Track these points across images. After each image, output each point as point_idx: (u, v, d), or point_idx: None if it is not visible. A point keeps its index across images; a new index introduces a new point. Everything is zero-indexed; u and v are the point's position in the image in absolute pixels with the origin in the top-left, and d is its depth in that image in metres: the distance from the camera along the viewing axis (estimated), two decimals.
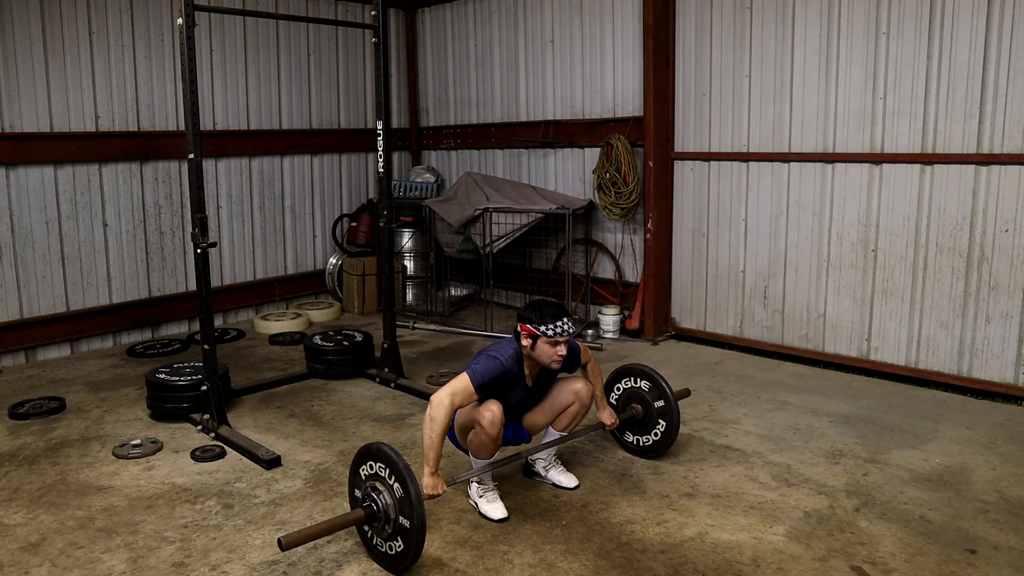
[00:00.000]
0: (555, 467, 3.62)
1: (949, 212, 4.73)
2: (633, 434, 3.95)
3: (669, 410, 3.78)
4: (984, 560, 2.95)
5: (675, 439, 3.83)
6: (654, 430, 3.83)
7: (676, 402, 3.79)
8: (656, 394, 3.82)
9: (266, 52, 6.72)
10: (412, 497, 2.77)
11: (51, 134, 5.52)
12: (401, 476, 2.81)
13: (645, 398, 3.85)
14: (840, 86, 5.07)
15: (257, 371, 5.39)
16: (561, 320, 3.19)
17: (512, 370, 3.23)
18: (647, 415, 3.84)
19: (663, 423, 3.80)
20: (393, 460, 2.84)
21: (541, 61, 6.72)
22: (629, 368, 3.96)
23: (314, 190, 7.21)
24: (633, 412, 3.88)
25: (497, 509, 3.30)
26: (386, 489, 2.87)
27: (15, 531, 3.25)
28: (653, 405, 3.82)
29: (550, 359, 3.22)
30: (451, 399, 3.03)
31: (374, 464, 2.92)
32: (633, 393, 3.91)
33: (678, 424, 3.80)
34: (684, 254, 6.06)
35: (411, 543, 2.79)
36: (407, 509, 2.78)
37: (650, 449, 3.88)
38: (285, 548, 2.68)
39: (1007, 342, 4.62)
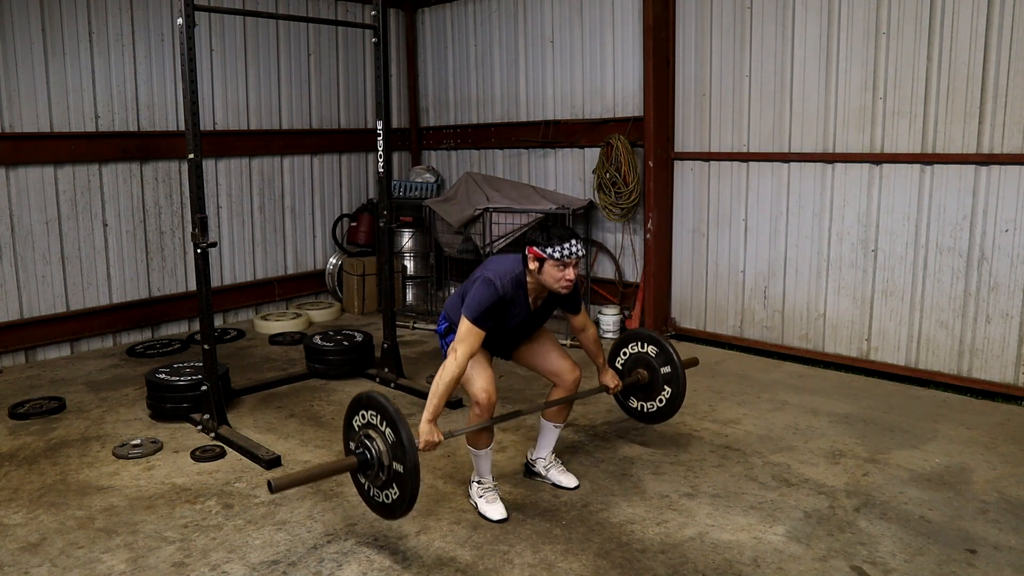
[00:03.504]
0: (556, 466, 3.62)
1: (949, 212, 4.73)
2: (637, 399, 3.91)
3: (675, 376, 3.72)
4: (984, 560, 2.95)
5: (680, 406, 3.80)
6: (659, 396, 3.78)
7: (683, 369, 3.73)
8: (662, 360, 3.76)
9: (266, 52, 6.72)
10: (404, 441, 2.76)
11: (51, 134, 5.52)
12: (392, 421, 2.80)
13: (651, 363, 3.79)
14: (840, 86, 5.07)
15: (257, 371, 5.39)
16: (569, 242, 3.08)
17: (508, 296, 3.15)
18: (652, 380, 3.79)
19: (668, 389, 3.75)
20: (384, 406, 2.84)
21: (541, 61, 6.72)
22: (636, 333, 3.92)
23: (314, 190, 7.21)
24: (638, 377, 3.81)
25: (496, 510, 3.29)
26: (379, 436, 2.86)
27: (15, 531, 3.25)
28: (659, 371, 3.76)
29: (557, 283, 3.13)
30: (465, 350, 3.03)
31: (366, 413, 2.92)
32: (639, 358, 3.85)
33: (684, 391, 3.74)
34: (684, 254, 6.05)
35: (406, 488, 2.79)
36: (399, 454, 2.78)
37: (654, 415, 3.84)
38: (275, 490, 2.72)
39: (1007, 342, 4.62)
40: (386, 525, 3.25)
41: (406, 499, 2.82)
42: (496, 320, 3.17)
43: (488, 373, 3.19)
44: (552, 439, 3.59)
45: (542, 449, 3.61)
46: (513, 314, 3.25)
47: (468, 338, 3.06)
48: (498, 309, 3.14)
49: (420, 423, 3.00)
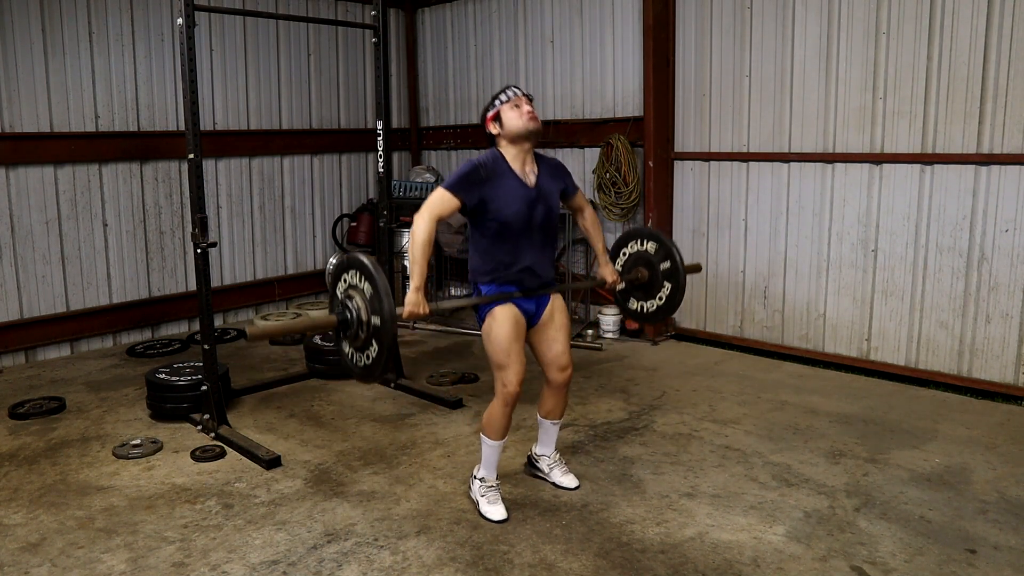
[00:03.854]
0: (559, 466, 3.61)
1: (949, 212, 4.73)
2: (637, 300, 3.84)
3: (675, 271, 3.65)
4: (984, 560, 2.95)
5: (680, 303, 3.70)
6: (659, 294, 3.71)
7: (683, 262, 3.67)
8: (662, 255, 3.70)
9: (266, 52, 6.72)
10: (380, 290, 2.76)
11: (51, 134, 5.52)
12: (369, 273, 2.81)
13: (651, 261, 3.73)
14: (840, 86, 5.07)
15: (257, 371, 5.39)
16: (511, 87, 3.18)
17: (487, 165, 3.13)
18: (652, 278, 3.73)
19: (668, 285, 3.68)
20: (362, 262, 2.85)
21: (541, 61, 6.72)
22: (635, 231, 3.86)
23: (314, 190, 7.21)
24: (638, 275, 3.76)
25: (497, 511, 3.28)
26: (358, 294, 2.87)
27: (15, 531, 3.25)
28: (659, 267, 3.70)
29: (521, 119, 3.11)
30: (428, 210, 3.03)
31: (348, 275, 2.93)
32: (639, 257, 3.79)
33: (684, 286, 3.66)
34: (684, 254, 6.01)
35: (383, 341, 2.78)
36: (376, 305, 2.78)
37: (654, 315, 3.79)
38: (250, 339, 2.75)
39: (1007, 342, 4.62)
40: (386, 525, 3.25)
41: (383, 354, 2.80)
42: (497, 200, 3.09)
43: (519, 357, 3.13)
44: (553, 436, 3.58)
45: (545, 446, 3.61)
46: (510, 190, 3.14)
47: (437, 201, 3.05)
48: (478, 179, 3.10)
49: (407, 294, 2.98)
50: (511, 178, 3.17)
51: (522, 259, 3.22)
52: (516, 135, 3.15)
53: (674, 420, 4.39)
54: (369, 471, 3.78)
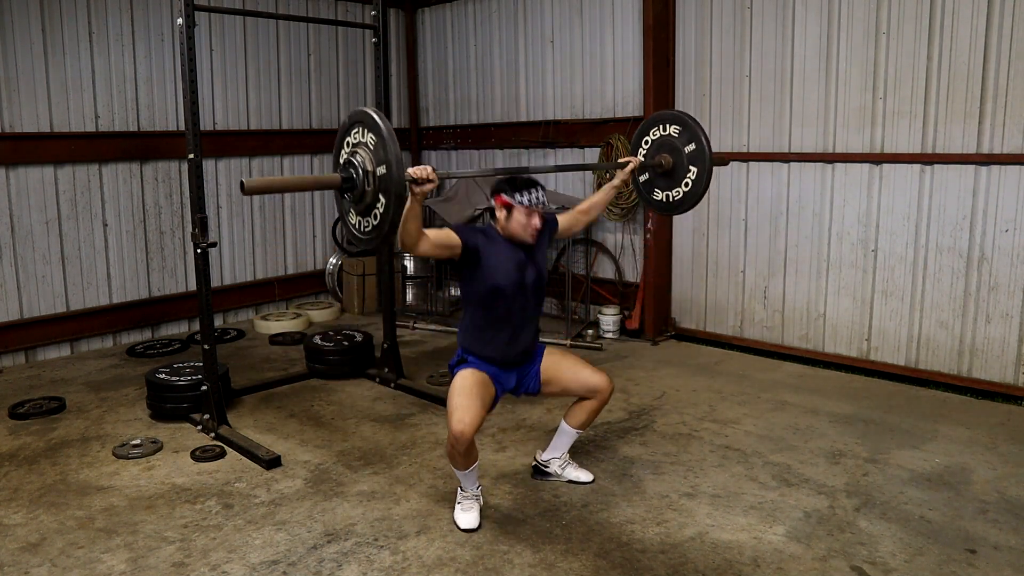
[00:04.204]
0: (570, 465, 3.62)
1: (949, 212, 4.73)
2: (661, 189, 3.75)
3: (700, 153, 3.54)
4: (984, 560, 2.95)
5: (706, 188, 3.61)
6: (684, 179, 3.60)
7: (708, 143, 3.57)
8: (687, 138, 3.59)
9: (266, 52, 6.72)
10: (385, 137, 2.68)
11: (51, 134, 5.52)
12: (374, 123, 2.73)
13: (675, 145, 3.61)
14: (840, 86, 5.07)
15: (257, 371, 5.39)
16: (536, 188, 3.16)
17: (482, 230, 3.21)
18: (676, 164, 3.63)
19: (694, 170, 3.57)
20: (367, 112, 2.77)
21: (541, 61, 6.72)
22: (658, 116, 3.75)
23: (312, 191, 7.21)
24: (661, 161, 3.66)
25: (465, 518, 3.23)
26: (363, 149, 2.79)
27: (15, 531, 3.25)
28: (683, 151, 3.59)
29: (524, 230, 3.18)
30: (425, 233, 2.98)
31: (352, 135, 2.85)
32: (663, 142, 3.67)
33: (711, 170, 3.55)
34: (684, 254, 6.05)
35: (390, 190, 2.69)
36: (381, 154, 2.71)
37: (680, 203, 3.69)
38: (247, 191, 2.63)
39: (1007, 342, 4.62)
40: (386, 525, 3.25)
41: (390, 208, 2.70)
42: (487, 262, 3.14)
43: (474, 407, 3.07)
44: (570, 443, 3.59)
45: (557, 450, 3.60)
46: (502, 252, 3.19)
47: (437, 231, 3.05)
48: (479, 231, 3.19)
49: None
50: (502, 245, 3.25)
51: (510, 333, 3.28)
52: (512, 237, 3.23)
53: (674, 420, 4.39)
54: (369, 471, 3.78)
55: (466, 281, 3.25)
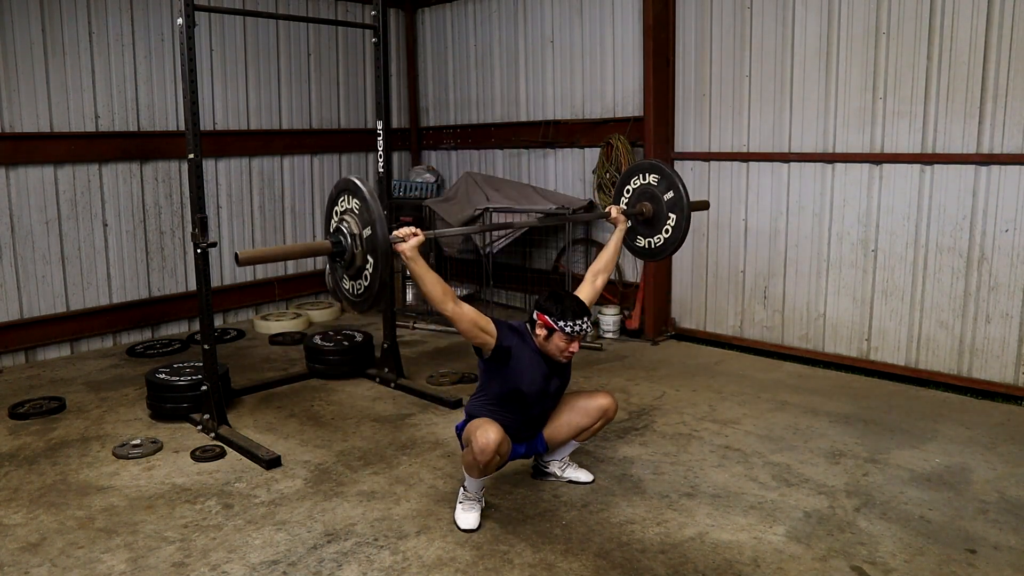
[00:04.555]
0: (570, 465, 3.64)
1: (949, 212, 4.73)
2: (644, 237, 3.89)
3: (679, 200, 3.68)
4: (984, 560, 2.95)
5: (686, 234, 3.77)
6: (664, 227, 3.75)
7: (686, 189, 3.71)
8: (665, 186, 3.74)
9: (266, 52, 6.72)
10: (368, 200, 2.85)
11: (51, 134, 5.52)
12: (355, 188, 2.90)
13: (655, 194, 3.76)
14: (840, 86, 5.07)
15: (257, 371, 5.39)
16: (583, 319, 3.18)
17: (514, 331, 3.23)
18: (657, 211, 3.77)
19: (673, 216, 3.71)
20: (351, 180, 2.94)
21: (541, 61, 6.72)
22: (637, 166, 3.91)
23: (314, 190, 7.21)
24: (642, 210, 3.79)
25: (466, 519, 3.24)
26: (351, 216, 2.94)
27: (15, 531, 3.25)
28: (663, 199, 3.73)
29: (561, 353, 3.21)
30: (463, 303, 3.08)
31: (341, 203, 3.00)
32: (643, 191, 3.82)
33: (689, 215, 3.70)
34: (684, 254, 6.05)
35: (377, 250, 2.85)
36: (367, 216, 2.87)
37: (662, 249, 3.84)
38: (241, 263, 2.74)
39: (1007, 342, 4.62)
40: (386, 525, 3.25)
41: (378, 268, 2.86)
42: (514, 369, 3.19)
43: (499, 429, 3.11)
44: (570, 450, 3.61)
45: (558, 453, 3.61)
46: (531, 363, 3.24)
47: (476, 312, 3.11)
48: (517, 334, 3.22)
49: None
50: (534, 352, 3.27)
51: (524, 425, 3.34)
52: (546, 353, 3.25)
53: (674, 420, 4.39)
54: (369, 471, 3.78)
55: (490, 372, 3.27)
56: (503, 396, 3.26)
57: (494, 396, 3.28)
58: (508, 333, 3.22)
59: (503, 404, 3.27)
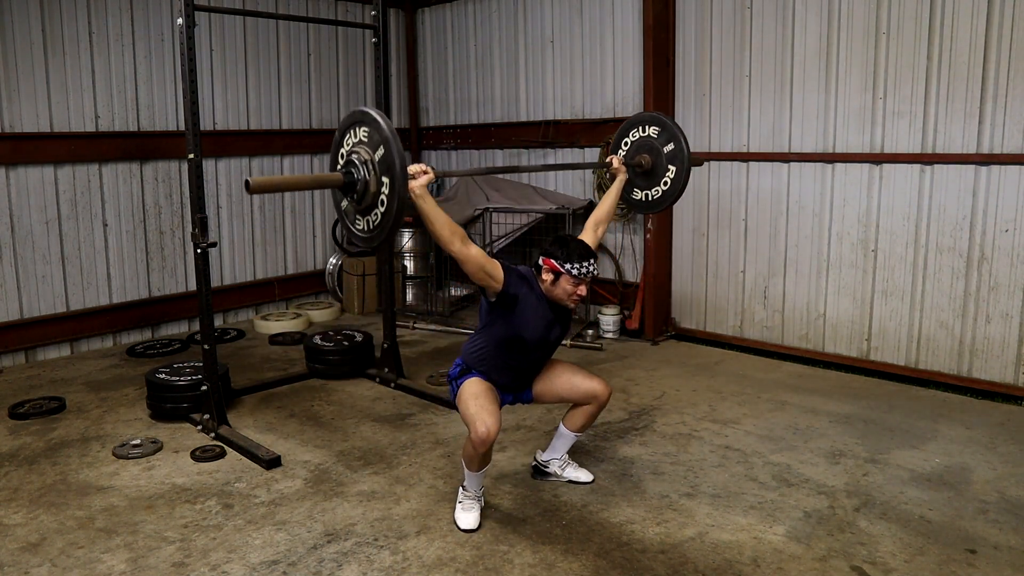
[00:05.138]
0: (570, 465, 3.62)
1: (949, 212, 4.73)
2: (640, 189, 3.87)
3: (679, 152, 3.65)
4: (984, 560, 2.95)
5: (685, 187, 3.74)
6: (663, 179, 3.73)
7: (687, 141, 3.69)
8: (666, 138, 3.71)
9: (266, 52, 6.72)
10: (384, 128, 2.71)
11: (51, 134, 5.52)
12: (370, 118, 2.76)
13: (654, 146, 3.74)
14: (840, 86, 5.07)
15: (257, 371, 5.39)
16: (589, 260, 3.15)
17: (521, 275, 3.19)
18: (656, 164, 3.76)
19: (673, 168, 3.69)
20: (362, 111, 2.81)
21: (541, 61, 6.72)
22: (637, 118, 3.87)
23: (314, 190, 7.21)
24: (641, 161, 3.77)
25: (466, 519, 3.23)
26: (362, 148, 2.81)
27: (15, 531, 3.25)
28: (662, 151, 3.71)
29: (569, 297, 3.18)
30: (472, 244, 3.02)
31: (351, 137, 2.88)
32: (642, 144, 3.80)
33: (690, 167, 3.68)
34: (684, 254, 6.05)
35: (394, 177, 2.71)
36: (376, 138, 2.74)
37: (659, 201, 3.82)
38: (252, 190, 2.62)
39: (1007, 342, 4.62)
40: (386, 525, 3.25)
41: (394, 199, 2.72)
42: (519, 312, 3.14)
43: (494, 411, 3.11)
44: (569, 445, 3.59)
45: (556, 451, 3.60)
46: (536, 310, 3.20)
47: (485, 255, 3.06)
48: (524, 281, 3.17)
49: None
50: (540, 299, 3.23)
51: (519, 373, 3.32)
52: (553, 298, 3.23)
53: (674, 420, 4.39)
54: (369, 471, 3.79)
55: (492, 316, 3.24)
56: (504, 341, 3.20)
57: (494, 339, 3.22)
58: (515, 280, 3.16)
59: (502, 349, 3.22)
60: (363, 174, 2.80)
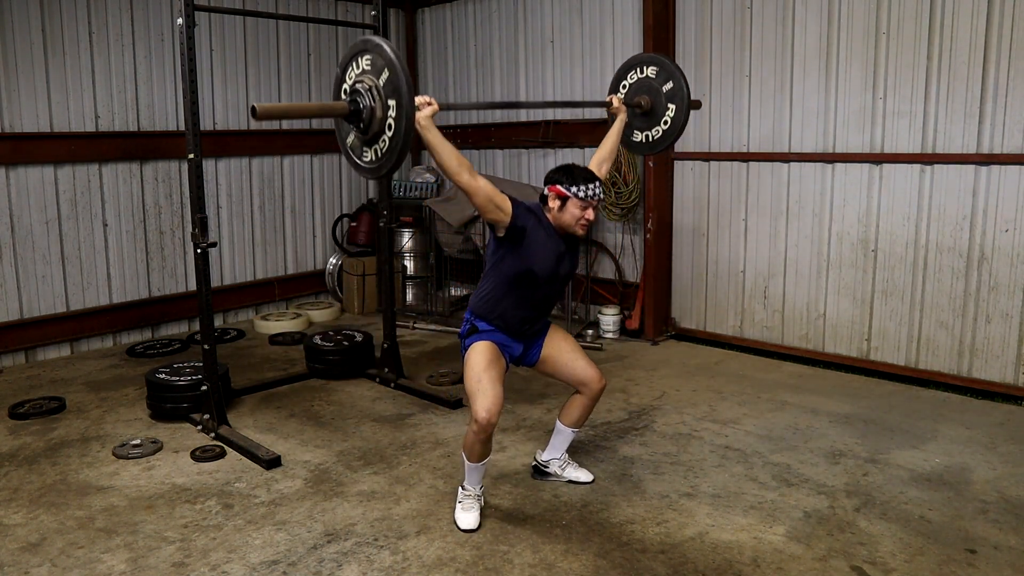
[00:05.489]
0: (570, 465, 3.61)
1: (949, 212, 4.73)
2: (640, 131, 3.88)
3: (679, 90, 3.67)
4: (984, 560, 2.95)
5: (685, 125, 3.76)
6: (663, 118, 3.74)
7: (686, 79, 3.70)
8: (664, 77, 3.72)
9: (266, 52, 6.72)
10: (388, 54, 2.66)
11: (51, 134, 5.52)
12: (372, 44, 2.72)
13: (652, 86, 3.75)
14: (840, 86, 5.07)
15: (257, 371, 5.39)
16: (594, 183, 3.11)
17: (529, 209, 3.15)
18: (655, 103, 3.77)
19: (672, 107, 3.70)
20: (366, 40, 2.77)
21: (541, 61, 6.72)
22: (635, 59, 3.88)
23: (314, 190, 7.21)
24: (640, 102, 3.78)
25: (466, 519, 3.23)
26: (367, 76, 2.78)
27: (15, 531, 3.25)
28: (661, 90, 3.72)
29: (577, 222, 3.13)
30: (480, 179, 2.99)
31: (353, 68, 2.85)
32: (640, 85, 3.81)
33: (689, 104, 3.68)
34: (684, 254, 6.05)
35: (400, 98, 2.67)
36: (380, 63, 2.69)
37: (660, 141, 3.84)
38: (259, 116, 2.61)
39: (1007, 342, 4.62)
40: (386, 525, 3.25)
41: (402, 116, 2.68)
42: (529, 243, 3.11)
43: (497, 391, 3.08)
44: (567, 442, 3.58)
45: (556, 450, 3.59)
46: (546, 242, 3.16)
47: (493, 187, 3.03)
48: (532, 215, 3.13)
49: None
50: (549, 230, 3.20)
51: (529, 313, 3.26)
52: (561, 226, 3.19)
53: (674, 420, 4.39)
54: (369, 471, 3.79)
55: (500, 253, 3.17)
56: (514, 277, 3.15)
57: (504, 277, 3.17)
58: (524, 213, 3.12)
59: (513, 285, 3.17)
60: (368, 101, 2.78)
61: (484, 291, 3.26)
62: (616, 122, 3.74)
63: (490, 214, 3.06)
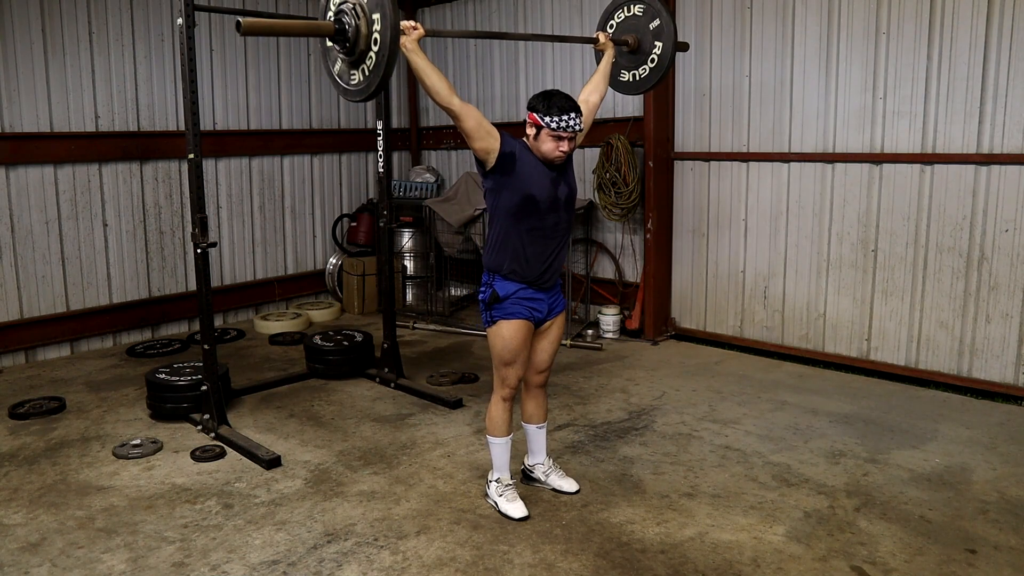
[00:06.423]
0: (554, 471, 3.58)
1: (949, 212, 4.73)
2: (627, 70, 3.91)
3: (666, 26, 3.71)
4: (984, 560, 2.95)
5: (672, 63, 3.79)
6: (651, 55, 3.78)
7: (672, 17, 3.74)
8: (651, 15, 3.76)
9: (266, 52, 6.72)
10: None
11: (51, 134, 5.52)
12: None
13: (638, 26, 3.79)
14: (840, 86, 5.07)
15: (257, 371, 5.39)
16: (569, 114, 2.99)
17: (516, 143, 3.10)
18: (642, 42, 3.81)
19: (659, 44, 3.74)
20: None
21: (541, 61, 6.72)
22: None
23: (314, 190, 7.21)
24: (627, 40, 3.81)
25: (517, 508, 3.28)
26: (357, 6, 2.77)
27: (15, 531, 3.25)
28: (648, 28, 3.76)
29: (551, 153, 3.05)
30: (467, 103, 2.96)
31: None
32: (627, 25, 3.85)
33: (675, 44, 3.72)
34: (684, 254, 6.05)
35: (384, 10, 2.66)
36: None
37: (647, 79, 3.86)
38: (243, 31, 2.60)
39: (1007, 342, 4.62)
40: (386, 525, 3.25)
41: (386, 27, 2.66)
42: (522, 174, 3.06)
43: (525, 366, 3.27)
44: (542, 441, 3.56)
45: (537, 455, 3.58)
46: (536, 168, 3.10)
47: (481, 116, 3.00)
48: (518, 144, 3.09)
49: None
50: (535, 165, 3.12)
51: (543, 246, 3.17)
52: (541, 155, 3.12)
53: (674, 420, 4.39)
54: (369, 471, 3.79)
55: (498, 190, 3.11)
56: (516, 208, 3.08)
57: (507, 215, 3.10)
58: (510, 139, 3.08)
59: (517, 218, 3.09)
60: (352, 20, 2.78)
61: (492, 238, 3.20)
62: (604, 58, 3.73)
63: (480, 140, 2.99)
